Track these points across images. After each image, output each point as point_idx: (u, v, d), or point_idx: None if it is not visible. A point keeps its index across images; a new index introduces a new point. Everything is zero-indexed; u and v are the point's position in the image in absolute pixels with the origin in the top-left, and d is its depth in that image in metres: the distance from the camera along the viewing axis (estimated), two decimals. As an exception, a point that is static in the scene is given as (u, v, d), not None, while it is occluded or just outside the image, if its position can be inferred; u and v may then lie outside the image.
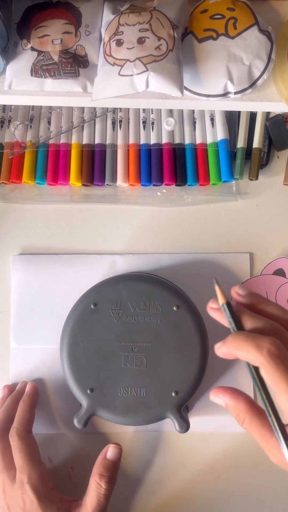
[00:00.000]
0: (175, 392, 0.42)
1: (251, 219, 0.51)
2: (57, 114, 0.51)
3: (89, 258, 0.50)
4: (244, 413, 0.32)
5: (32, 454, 0.42)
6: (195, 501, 0.46)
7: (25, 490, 0.40)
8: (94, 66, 0.42)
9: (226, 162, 0.50)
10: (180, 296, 0.44)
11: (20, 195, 0.51)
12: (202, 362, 0.43)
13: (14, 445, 0.42)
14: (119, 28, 0.40)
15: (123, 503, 0.46)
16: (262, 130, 0.51)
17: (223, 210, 0.51)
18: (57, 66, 0.41)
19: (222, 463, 0.47)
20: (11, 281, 0.49)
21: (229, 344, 0.32)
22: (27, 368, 0.48)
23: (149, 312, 0.43)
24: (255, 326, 0.32)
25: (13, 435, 0.42)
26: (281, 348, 0.30)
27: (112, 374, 0.43)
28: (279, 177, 0.52)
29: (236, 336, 0.32)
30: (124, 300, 0.44)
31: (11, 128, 0.51)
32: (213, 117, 0.51)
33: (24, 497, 0.40)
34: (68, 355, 0.43)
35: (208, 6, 0.42)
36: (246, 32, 0.41)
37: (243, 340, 0.31)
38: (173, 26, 0.40)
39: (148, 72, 0.38)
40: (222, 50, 0.41)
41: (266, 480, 0.46)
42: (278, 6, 0.45)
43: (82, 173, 0.50)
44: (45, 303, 0.49)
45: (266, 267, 0.49)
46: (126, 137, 0.51)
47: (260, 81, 0.41)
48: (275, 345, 0.29)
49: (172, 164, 0.50)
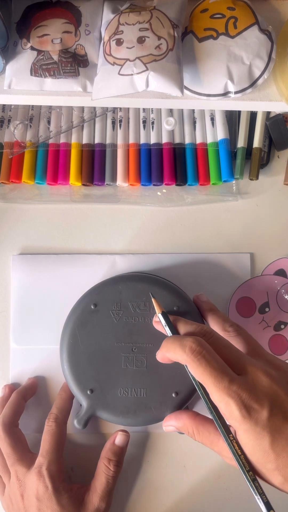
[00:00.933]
0: (175, 393, 0.42)
1: (252, 219, 0.51)
2: (56, 113, 0.51)
3: (89, 258, 0.50)
4: (191, 427, 0.35)
5: (60, 443, 0.43)
6: (195, 501, 0.46)
7: (41, 475, 0.40)
8: (94, 66, 0.42)
9: (226, 162, 0.50)
10: (180, 296, 0.44)
11: (20, 195, 0.51)
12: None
13: (49, 429, 0.43)
14: (119, 28, 0.40)
15: (123, 503, 0.46)
16: (262, 130, 0.50)
17: (223, 210, 0.51)
18: (57, 65, 0.41)
19: (222, 463, 0.47)
20: (11, 281, 0.49)
21: (162, 348, 0.35)
22: (27, 368, 0.48)
23: (149, 313, 0.43)
24: (187, 331, 0.35)
25: (51, 420, 0.43)
26: (203, 345, 0.32)
27: (112, 375, 0.43)
28: (279, 177, 0.52)
29: (167, 340, 0.35)
30: (124, 300, 0.44)
31: (10, 128, 0.51)
32: (213, 117, 0.51)
33: (39, 483, 0.40)
34: (68, 355, 0.43)
35: (208, 6, 0.42)
36: (246, 31, 0.41)
37: (171, 342, 0.34)
38: (173, 26, 0.40)
39: (148, 72, 0.38)
40: (222, 49, 0.41)
41: (266, 480, 0.46)
42: (278, 6, 0.44)
43: (82, 173, 0.50)
44: (45, 303, 0.49)
45: (267, 268, 0.49)
46: (126, 137, 0.51)
47: (260, 80, 0.41)
48: (196, 343, 0.32)
49: (172, 164, 0.50)
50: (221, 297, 0.48)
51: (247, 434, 0.30)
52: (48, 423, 0.43)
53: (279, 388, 0.31)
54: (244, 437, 0.30)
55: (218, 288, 0.48)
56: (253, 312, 0.48)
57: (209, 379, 0.31)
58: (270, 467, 0.30)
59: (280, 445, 0.30)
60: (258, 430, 0.30)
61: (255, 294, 0.48)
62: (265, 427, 0.30)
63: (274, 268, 0.49)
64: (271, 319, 0.47)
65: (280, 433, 0.30)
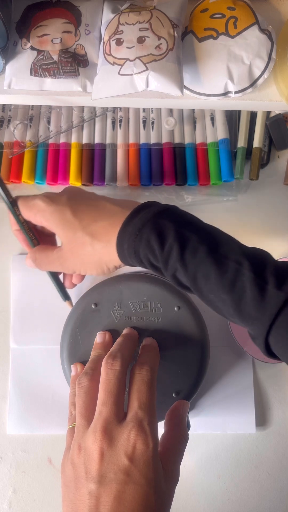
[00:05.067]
0: (175, 393, 0.42)
1: (252, 219, 0.51)
2: (56, 113, 0.51)
3: (89, 258, 0.50)
4: (33, 257, 0.40)
5: (153, 391, 0.35)
6: (195, 501, 0.46)
7: (143, 431, 0.32)
8: (94, 65, 0.42)
9: (226, 162, 0.50)
10: (181, 296, 0.44)
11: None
12: (203, 363, 0.43)
13: (144, 378, 0.35)
14: (119, 27, 0.40)
15: (124, 503, 0.46)
16: (262, 130, 0.50)
17: (223, 210, 0.51)
18: (57, 65, 0.41)
19: (222, 463, 0.47)
20: (11, 281, 0.49)
21: None
22: (27, 368, 0.48)
23: (150, 313, 0.43)
24: None
25: (146, 368, 0.36)
26: None
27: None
28: (279, 176, 0.52)
29: None
30: (125, 300, 0.44)
31: (10, 128, 0.51)
32: (214, 117, 0.51)
33: (138, 440, 0.32)
34: (68, 355, 0.43)
35: (208, 5, 0.42)
36: (246, 31, 0.41)
37: None
38: (173, 25, 0.40)
39: (148, 71, 0.38)
40: (222, 49, 0.41)
41: (266, 480, 0.46)
42: (278, 6, 0.44)
43: (82, 173, 0.50)
44: (45, 303, 0.48)
45: (267, 267, 0.49)
46: (126, 137, 0.51)
47: (260, 80, 0.41)
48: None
49: (172, 164, 0.50)
50: (221, 297, 0.48)
51: (53, 215, 0.37)
52: (141, 370, 0.36)
53: None
54: (52, 217, 0.37)
55: (218, 288, 0.48)
56: (253, 312, 0.48)
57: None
58: (79, 235, 0.36)
59: (79, 212, 0.37)
60: (59, 207, 0.37)
61: (255, 294, 0.48)
62: (65, 205, 0.37)
63: (274, 268, 0.49)
64: (271, 319, 0.47)
65: (78, 205, 0.37)
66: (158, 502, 0.31)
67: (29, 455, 0.47)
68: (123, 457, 0.31)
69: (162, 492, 0.32)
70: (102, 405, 0.33)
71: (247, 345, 0.47)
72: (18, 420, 0.47)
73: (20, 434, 0.47)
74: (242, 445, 0.47)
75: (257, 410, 0.47)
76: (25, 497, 0.46)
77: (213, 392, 0.47)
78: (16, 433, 0.47)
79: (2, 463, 0.47)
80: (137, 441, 0.32)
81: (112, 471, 0.31)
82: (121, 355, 0.36)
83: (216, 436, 0.47)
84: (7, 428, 0.47)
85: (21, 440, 0.47)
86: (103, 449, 0.31)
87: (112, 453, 0.31)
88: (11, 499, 0.46)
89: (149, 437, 0.32)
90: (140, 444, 0.32)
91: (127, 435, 0.32)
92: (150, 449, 0.32)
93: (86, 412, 0.34)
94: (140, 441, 0.32)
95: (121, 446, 0.32)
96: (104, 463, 0.31)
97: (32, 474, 0.47)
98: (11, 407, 0.47)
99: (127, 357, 0.37)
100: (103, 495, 0.30)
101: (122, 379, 0.35)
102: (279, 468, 0.47)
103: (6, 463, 0.47)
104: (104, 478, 0.31)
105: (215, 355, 0.46)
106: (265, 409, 0.47)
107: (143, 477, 0.31)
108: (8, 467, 0.47)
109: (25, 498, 0.46)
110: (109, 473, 0.31)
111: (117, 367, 0.35)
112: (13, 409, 0.47)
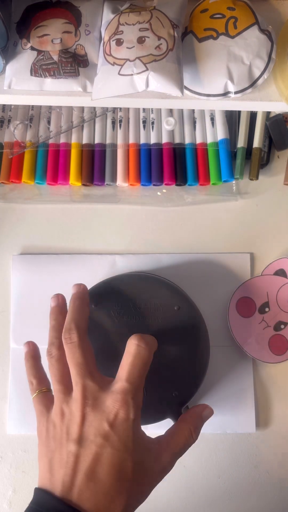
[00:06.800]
0: (175, 393, 0.42)
1: (252, 219, 0.51)
2: (56, 113, 0.51)
3: (89, 258, 0.50)
4: None
5: (145, 370, 0.36)
6: (195, 501, 0.46)
7: (126, 404, 0.33)
8: (94, 66, 0.42)
9: (226, 162, 0.50)
10: (181, 296, 0.44)
11: (20, 195, 0.51)
12: (203, 363, 0.43)
13: (137, 353, 0.36)
14: (119, 28, 0.40)
15: (123, 503, 0.46)
16: (262, 130, 0.50)
17: (223, 210, 0.51)
18: (57, 65, 0.41)
19: (222, 463, 0.47)
20: (11, 281, 0.49)
21: None
22: (27, 369, 0.48)
23: (149, 313, 0.43)
24: None
25: (145, 343, 0.36)
26: None
27: (113, 375, 0.43)
28: (279, 177, 0.52)
29: None
30: (125, 300, 0.44)
31: (10, 128, 0.51)
32: (213, 117, 0.51)
33: (120, 410, 0.33)
34: (68, 355, 0.43)
35: (208, 6, 0.42)
36: (246, 31, 0.41)
37: None
38: (173, 26, 0.40)
39: (148, 72, 0.38)
40: (222, 49, 0.41)
41: (266, 480, 0.46)
42: (278, 6, 0.45)
43: (82, 173, 0.50)
44: (45, 303, 0.48)
45: (267, 268, 0.49)
46: (126, 137, 0.51)
47: (260, 80, 0.41)
48: None
49: (172, 164, 0.50)
50: (221, 297, 0.48)
51: None
52: (140, 343, 0.36)
53: None
54: None
55: (218, 288, 0.48)
56: (253, 312, 0.48)
57: None
58: None
59: None
60: None
61: (255, 294, 0.48)
62: None
63: (274, 268, 0.49)
64: (271, 319, 0.47)
65: None
66: (136, 472, 0.33)
67: (29, 455, 0.47)
68: (104, 422, 0.33)
69: (143, 466, 0.33)
70: (77, 375, 0.35)
71: (247, 345, 0.47)
72: (18, 420, 0.47)
73: (20, 434, 0.47)
74: (242, 445, 0.47)
75: (257, 410, 0.47)
76: (25, 497, 0.46)
77: (213, 392, 0.47)
78: (16, 433, 0.47)
79: (2, 463, 0.47)
80: (119, 410, 0.33)
81: (92, 434, 0.33)
82: (75, 325, 0.37)
83: (216, 436, 0.47)
84: (7, 428, 0.47)
85: (21, 440, 0.47)
86: (86, 413, 0.33)
87: (94, 418, 0.33)
88: (11, 499, 0.46)
89: (131, 409, 0.33)
90: (122, 413, 0.33)
91: (111, 404, 0.33)
92: (130, 420, 0.33)
93: (62, 378, 0.36)
94: (122, 411, 0.33)
95: (103, 413, 0.33)
96: (85, 426, 0.33)
97: (32, 474, 0.47)
98: (11, 407, 0.47)
99: (81, 321, 0.38)
100: (82, 454, 0.32)
101: (84, 345, 0.36)
102: (279, 468, 0.47)
103: (6, 463, 0.47)
104: (85, 440, 0.33)
105: (215, 355, 0.46)
106: (265, 409, 0.47)
107: (121, 443, 0.33)
108: (8, 467, 0.47)
109: (25, 498, 0.46)
110: (90, 435, 0.33)
111: (75, 339, 0.36)
112: (13, 409, 0.47)
